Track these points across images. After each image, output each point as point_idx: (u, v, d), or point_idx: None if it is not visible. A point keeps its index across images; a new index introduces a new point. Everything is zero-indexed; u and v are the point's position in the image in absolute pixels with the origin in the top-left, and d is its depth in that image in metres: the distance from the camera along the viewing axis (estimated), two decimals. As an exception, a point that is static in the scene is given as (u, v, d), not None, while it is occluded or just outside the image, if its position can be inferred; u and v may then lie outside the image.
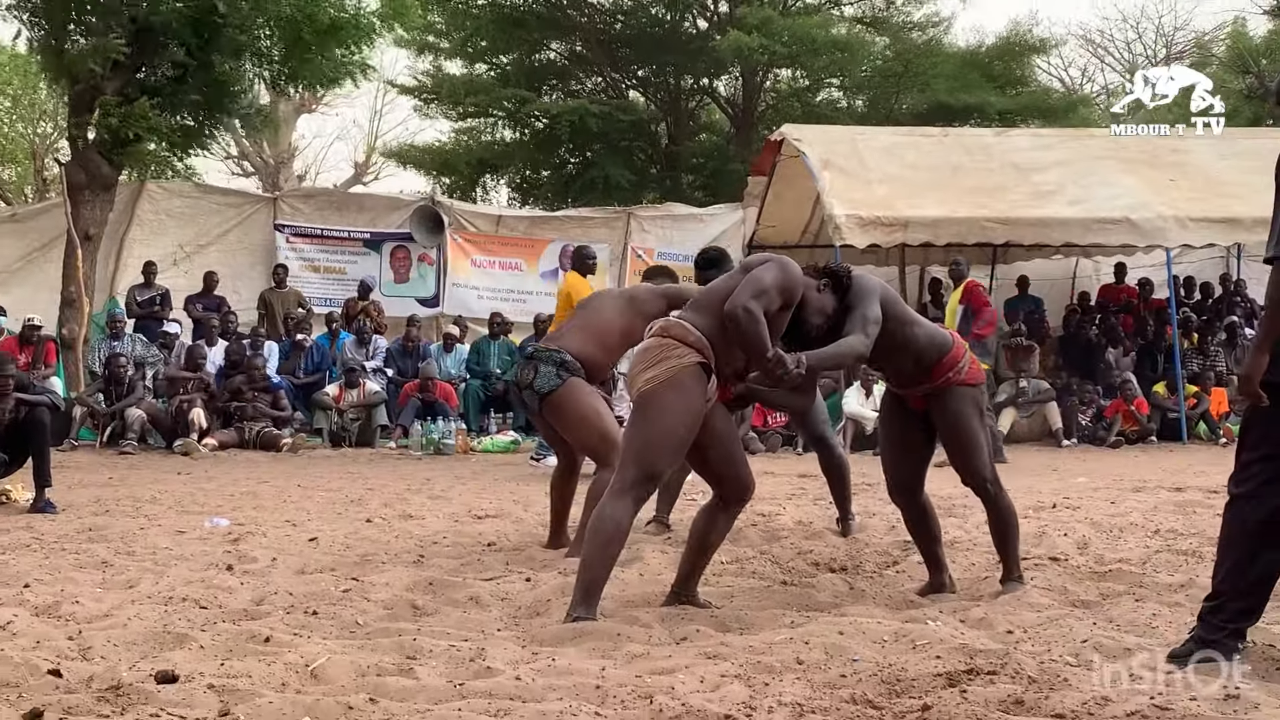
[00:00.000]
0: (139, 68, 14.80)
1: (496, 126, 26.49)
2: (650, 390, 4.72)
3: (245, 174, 31.61)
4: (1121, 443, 14.51)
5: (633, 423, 4.85)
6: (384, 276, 17.51)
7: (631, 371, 4.89)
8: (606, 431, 6.31)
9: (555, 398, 6.28)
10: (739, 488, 5.05)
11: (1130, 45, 34.78)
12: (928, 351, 5.18)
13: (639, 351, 4.91)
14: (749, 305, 4.62)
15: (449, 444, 13.65)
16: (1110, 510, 8.15)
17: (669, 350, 4.75)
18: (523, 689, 3.69)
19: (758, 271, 4.79)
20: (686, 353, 4.74)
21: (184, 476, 10.92)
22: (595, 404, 6.42)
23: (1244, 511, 3.88)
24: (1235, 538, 3.90)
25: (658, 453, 4.73)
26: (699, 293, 5.16)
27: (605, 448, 6.24)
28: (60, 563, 6.15)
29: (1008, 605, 4.94)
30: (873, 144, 16.56)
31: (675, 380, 4.70)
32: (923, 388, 5.23)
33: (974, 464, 5.25)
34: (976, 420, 5.26)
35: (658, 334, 4.85)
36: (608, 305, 6.61)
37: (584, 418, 6.33)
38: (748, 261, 5.04)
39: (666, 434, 4.70)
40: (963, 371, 5.22)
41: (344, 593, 5.31)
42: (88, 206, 14.92)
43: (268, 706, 3.47)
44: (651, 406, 4.73)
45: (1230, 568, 3.89)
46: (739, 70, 25.39)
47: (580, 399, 6.32)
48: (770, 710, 3.46)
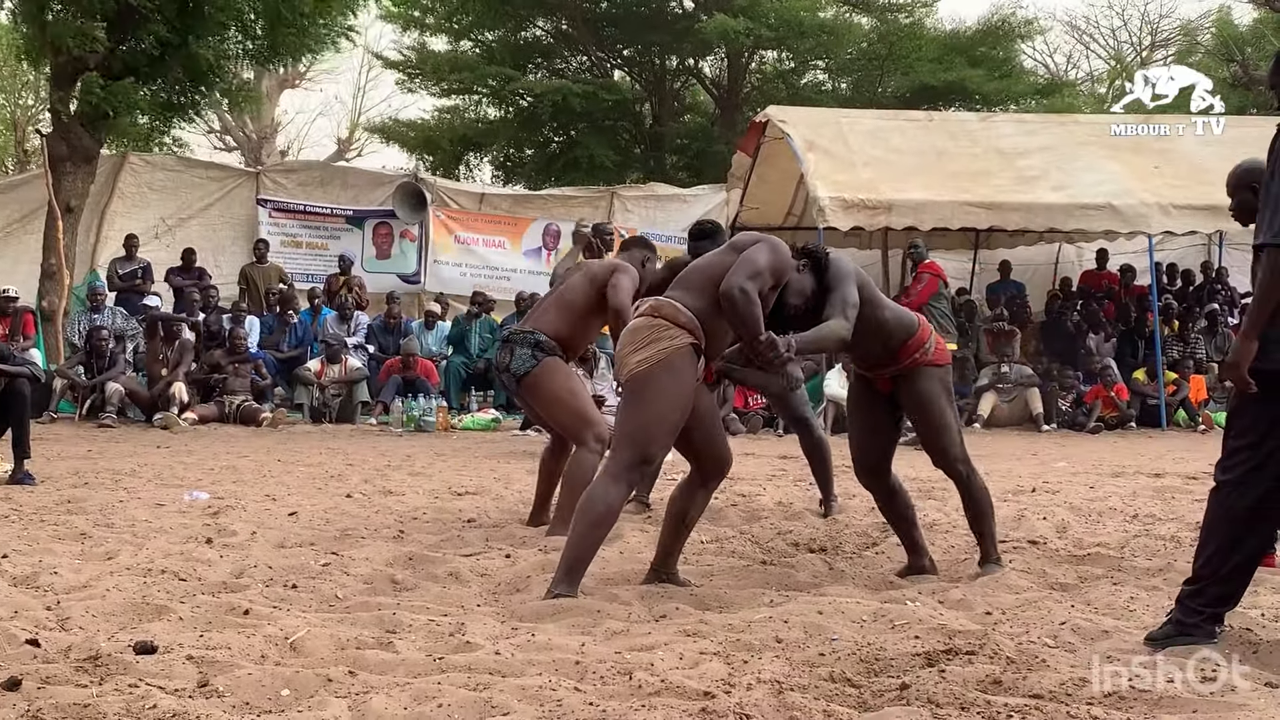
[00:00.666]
0: (121, 42, 14.70)
1: (480, 104, 26.41)
2: (643, 373, 4.70)
3: (228, 149, 31.48)
4: (1101, 428, 14.57)
5: (626, 405, 4.83)
6: (366, 253, 17.49)
7: (620, 352, 4.87)
8: (581, 410, 6.35)
9: (530, 379, 6.32)
10: (718, 464, 5.07)
11: (1115, 32, 34.85)
12: (895, 333, 5.18)
13: (628, 331, 4.87)
14: (745, 286, 4.62)
15: (430, 421, 13.63)
16: (1089, 495, 8.18)
17: (660, 331, 4.73)
18: (502, 663, 3.70)
19: (751, 252, 4.77)
20: (678, 334, 4.72)
21: (163, 450, 10.88)
22: (570, 384, 6.45)
23: (1229, 498, 3.89)
24: (1218, 523, 3.91)
25: (652, 436, 4.73)
26: (685, 270, 5.12)
27: (580, 426, 6.30)
28: (39, 534, 6.13)
29: (986, 587, 4.96)
30: (857, 127, 16.54)
31: (668, 362, 4.69)
32: (889, 369, 5.23)
33: (942, 443, 5.24)
34: (944, 400, 5.26)
35: (648, 313, 4.81)
36: (574, 283, 6.64)
37: (558, 398, 6.36)
38: (737, 240, 5.02)
39: (661, 417, 4.70)
40: (929, 352, 5.22)
41: (323, 567, 5.31)
42: (69, 178, 14.85)
43: (247, 678, 3.46)
44: (645, 389, 4.71)
45: (1212, 553, 3.91)
46: (724, 52, 25.35)
47: (555, 379, 6.35)
48: (749, 687, 3.46)
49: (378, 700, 3.31)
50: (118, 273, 15.66)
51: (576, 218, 17.67)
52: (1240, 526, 3.86)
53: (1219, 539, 3.89)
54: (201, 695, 3.36)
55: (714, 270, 4.80)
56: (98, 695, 3.26)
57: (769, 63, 26.74)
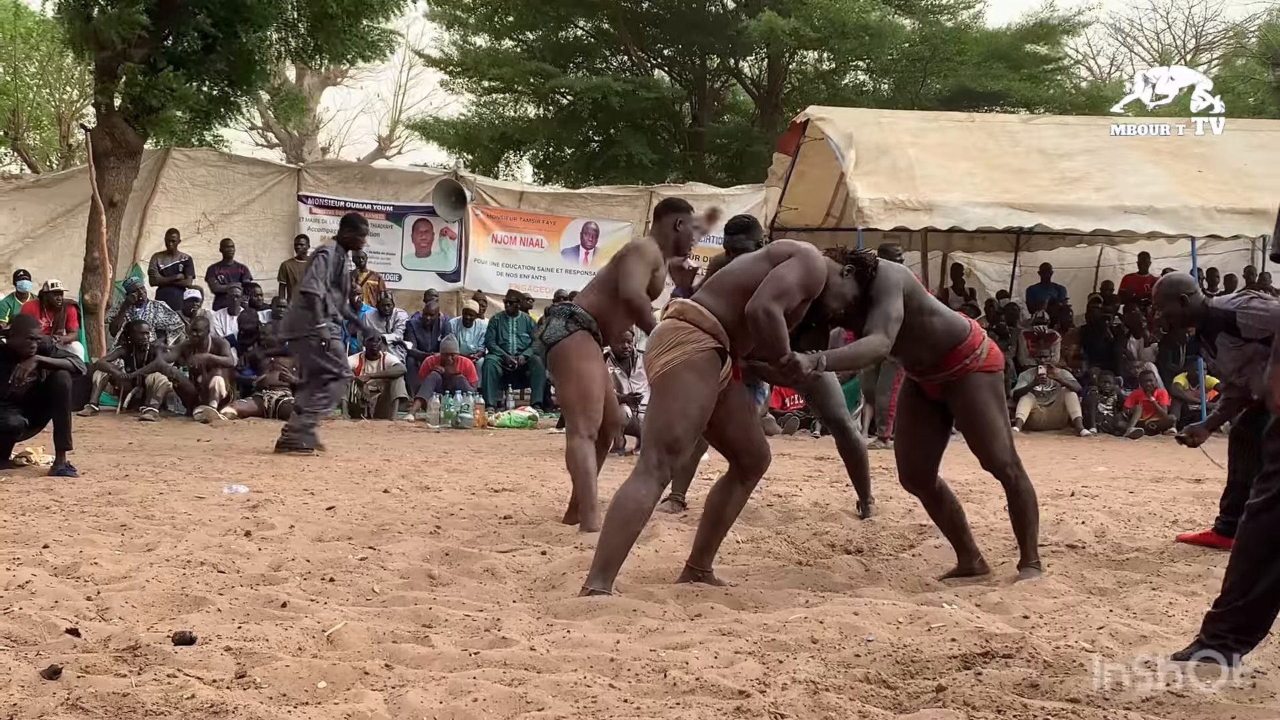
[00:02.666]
0: (165, 36, 14.81)
1: (520, 102, 26.47)
2: (668, 372, 4.75)
3: (269, 145, 31.66)
4: (1141, 433, 14.46)
5: (652, 405, 4.91)
6: (406, 250, 17.56)
7: (648, 355, 4.92)
8: (587, 392, 6.42)
9: (559, 348, 6.42)
10: (756, 460, 5.08)
11: (1160, 35, 34.57)
12: (944, 340, 5.14)
13: (654, 334, 4.94)
14: (770, 308, 4.64)
15: (467, 418, 13.68)
16: (1129, 500, 8.12)
17: (684, 335, 4.76)
18: (537, 659, 3.70)
19: (782, 269, 4.76)
20: (701, 338, 4.75)
21: (204, 443, 10.96)
22: (590, 366, 6.50)
23: (1260, 523, 3.75)
24: (1246, 548, 3.77)
25: (676, 431, 4.75)
26: (718, 273, 5.12)
27: (577, 407, 6.42)
28: (79, 525, 6.18)
29: (1024, 591, 4.93)
30: (898, 127, 16.46)
31: (691, 363, 4.73)
32: (939, 376, 5.20)
33: (993, 450, 5.22)
34: (994, 408, 5.21)
35: (674, 316, 4.86)
36: (608, 266, 6.70)
37: (575, 373, 6.43)
38: (773, 250, 4.97)
39: (683, 413, 4.72)
40: (981, 358, 5.18)
41: (361, 561, 5.33)
42: (113, 173, 14.96)
43: (284, 670, 3.48)
44: (669, 388, 4.76)
45: (1237, 579, 3.77)
46: (765, 51, 25.31)
47: (578, 354, 6.43)
48: (784, 687, 3.45)
49: (413, 694, 3.32)
50: (159, 267, 15.79)
51: (615, 216, 17.82)
52: (1266, 548, 3.74)
53: (1245, 564, 3.75)
54: (239, 686, 3.39)
55: (743, 280, 4.81)
56: (137, 685, 3.29)
57: (809, 63, 26.67)
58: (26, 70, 23.73)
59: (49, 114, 24.64)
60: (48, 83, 24.43)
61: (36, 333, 8.71)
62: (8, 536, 5.74)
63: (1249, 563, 3.69)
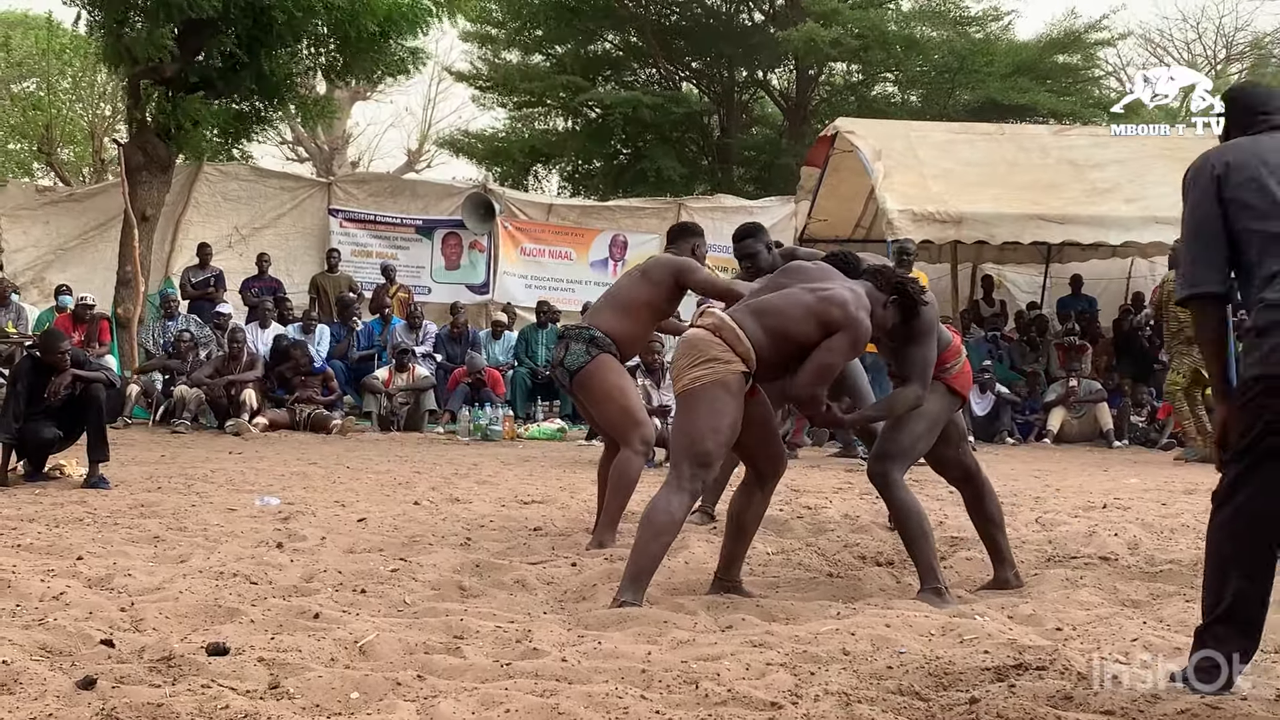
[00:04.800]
0: (196, 53, 14.93)
1: (550, 115, 26.54)
2: (699, 388, 4.75)
3: (299, 159, 31.83)
4: (1174, 445, 14.36)
5: (681, 417, 4.90)
6: (435, 263, 17.62)
7: (677, 363, 4.90)
8: (630, 409, 6.37)
9: (583, 374, 6.35)
10: (773, 464, 5.12)
11: (1190, 45, 34.38)
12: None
13: (685, 343, 4.91)
14: (816, 395, 4.82)
15: (496, 430, 13.69)
16: (1162, 511, 8.07)
17: (719, 351, 4.77)
18: (569, 670, 3.71)
19: (831, 349, 4.78)
20: (733, 359, 4.76)
21: (235, 456, 11.01)
22: (621, 382, 6.46)
23: (1217, 521, 3.63)
24: (1211, 551, 3.67)
25: (708, 447, 4.76)
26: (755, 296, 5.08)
27: (627, 426, 6.33)
28: (112, 536, 6.22)
29: (1057, 603, 4.91)
30: (928, 139, 16.44)
31: (723, 381, 4.74)
32: None
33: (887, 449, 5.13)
34: (927, 422, 5.13)
35: (710, 329, 4.85)
36: (627, 281, 6.67)
37: (609, 395, 6.38)
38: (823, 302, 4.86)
39: (715, 428, 4.73)
40: (949, 371, 5.20)
41: (392, 572, 5.35)
42: (145, 187, 15.07)
43: (317, 680, 3.50)
44: (699, 401, 4.76)
45: (1212, 584, 3.63)
46: (793, 64, 25.30)
47: (606, 375, 6.37)
48: (816, 699, 3.45)
49: (446, 705, 3.33)
50: (190, 281, 15.89)
51: (643, 229, 17.83)
52: (1229, 546, 3.58)
53: (1215, 564, 3.62)
54: (272, 696, 3.40)
55: (786, 325, 4.82)
56: (171, 695, 3.31)
57: (838, 74, 26.64)
58: (60, 85, 23.96)
59: (82, 128, 24.86)
60: (80, 97, 24.67)
61: (67, 345, 8.77)
62: (42, 548, 5.79)
63: (1217, 564, 3.62)
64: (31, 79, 24.39)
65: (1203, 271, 3.62)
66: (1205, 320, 3.72)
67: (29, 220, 16.69)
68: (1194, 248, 3.65)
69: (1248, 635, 3.56)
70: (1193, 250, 3.65)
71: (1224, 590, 3.56)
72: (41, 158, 24.80)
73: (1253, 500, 3.50)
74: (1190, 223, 3.66)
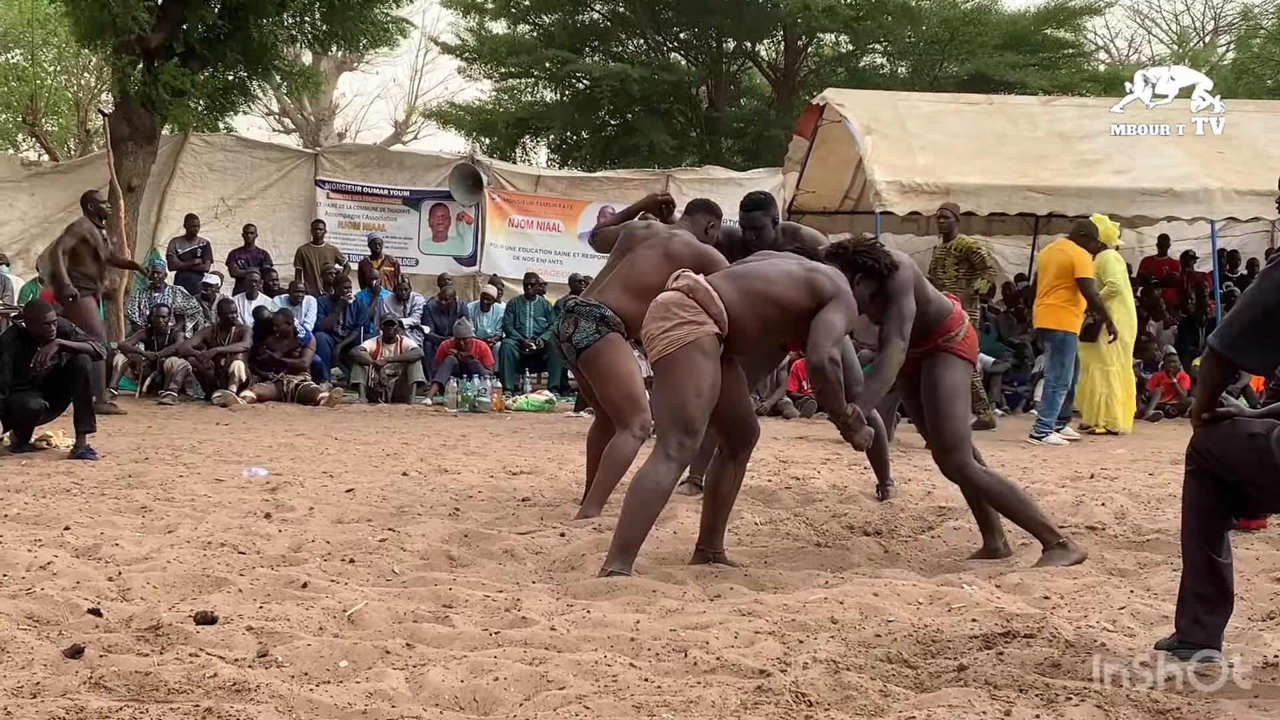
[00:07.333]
0: (180, 23, 14.82)
1: (537, 87, 26.44)
2: (675, 354, 4.75)
3: (286, 130, 31.68)
4: (1161, 416, 14.40)
5: (660, 386, 4.87)
6: (423, 234, 17.56)
7: (648, 327, 4.88)
8: (633, 393, 6.30)
9: (591, 352, 6.26)
10: (745, 431, 5.12)
11: (1179, 17, 34.37)
12: (932, 322, 5.25)
13: (658, 305, 4.90)
14: (834, 356, 4.76)
15: (484, 401, 13.67)
16: (1149, 481, 8.09)
17: (692, 314, 4.77)
18: (558, 639, 3.71)
19: (832, 316, 4.80)
20: (705, 320, 4.76)
21: (222, 427, 10.98)
22: (629, 365, 6.38)
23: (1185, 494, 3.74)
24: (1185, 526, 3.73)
25: (692, 413, 4.76)
26: (747, 267, 5.10)
27: (628, 409, 6.25)
28: (100, 507, 6.21)
29: (1044, 572, 4.92)
30: (916, 110, 16.37)
31: (698, 344, 4.74)
32: (915, 350, 5.24)
33: (942, 432, 5.19)
34: (959, 391, 5.21)
35: (683, 291, 4.84)
36: (645, 259, 6.41)
37: (615, 375, 6.31)
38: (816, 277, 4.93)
39: (697, 391, 4.74)
40: (954, 340, 5.22)
41: (380, 542, 5.35)
42: (130, 158, 15.00)
43: (306, 649, 3.50)
44: (677, 367, 4.75)
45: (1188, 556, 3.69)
46: (781, 35, 25.22)
47: (614, 356, 6.30)
48: (805, 666, 3.45)
49: (434, 672, 3.33)
50: (177, 252, 15.80)
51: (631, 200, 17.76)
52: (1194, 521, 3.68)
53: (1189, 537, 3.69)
54: (261, 665, 3.40)
55: (769, 290, 4.86)
56: (159, 664, 3.30)
57: (827, 45, 26.57)
58: (44, 56, 23.79)
59: (66, 100, 24.70)
60: (65, 68, 24.49)
61: (52, 316, 8.73)
62: (29, 518, 5.78)
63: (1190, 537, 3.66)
64: (15, 50, 24.20)
65: (1248, 349, 3.55)
66: (1216, 375, 3.69)
67: (14, 192, 16.62)
68: (1255, 325, 3.53)
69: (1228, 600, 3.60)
70: (1251, 323, 3.54)
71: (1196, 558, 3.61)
72: (26, 129, 24.64)
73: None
74: (1263, 302, 3.52)
